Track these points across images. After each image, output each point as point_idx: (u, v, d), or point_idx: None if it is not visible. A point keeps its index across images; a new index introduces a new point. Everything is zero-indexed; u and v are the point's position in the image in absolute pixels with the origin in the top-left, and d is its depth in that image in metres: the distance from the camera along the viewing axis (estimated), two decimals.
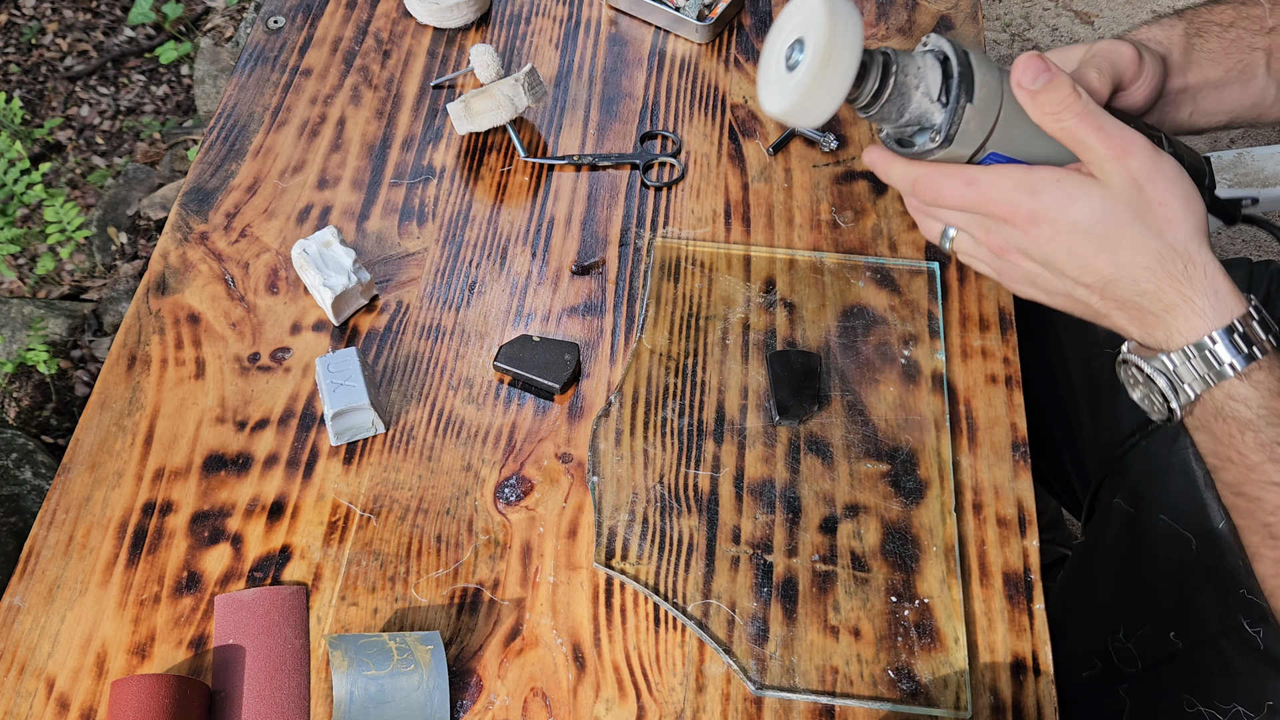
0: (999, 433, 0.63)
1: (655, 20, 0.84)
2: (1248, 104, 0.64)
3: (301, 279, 0.69)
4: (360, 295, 0.68)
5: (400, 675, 0.50)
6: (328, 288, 0.65)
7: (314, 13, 0.85)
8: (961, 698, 0.54)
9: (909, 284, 0.69)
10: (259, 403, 0.65)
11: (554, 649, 0.56)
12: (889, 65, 0.54)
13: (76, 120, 1.99)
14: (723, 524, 0.60)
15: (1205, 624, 0.66)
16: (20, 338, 1.58)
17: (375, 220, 0.73)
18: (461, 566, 0.59)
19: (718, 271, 0.70)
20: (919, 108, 0.55)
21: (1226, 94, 0.64)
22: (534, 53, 0.83)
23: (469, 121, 0.74)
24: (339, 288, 0.65)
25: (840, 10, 0.49)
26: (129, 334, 0.68)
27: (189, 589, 0.58)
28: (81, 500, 0.61)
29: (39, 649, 0.56)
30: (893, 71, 0.53)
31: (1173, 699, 0.65)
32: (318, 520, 0.60)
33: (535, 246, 0.72)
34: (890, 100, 0.54)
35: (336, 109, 0.79)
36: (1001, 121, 0.56)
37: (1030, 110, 0.53)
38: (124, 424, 0.64)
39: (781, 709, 0.54)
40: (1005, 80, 0.55)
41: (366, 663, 0.49)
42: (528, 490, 0.61)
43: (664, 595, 0.57)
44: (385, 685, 0.49)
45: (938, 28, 0.83)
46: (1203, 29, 0.63)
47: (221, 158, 0.76)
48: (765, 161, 0.76)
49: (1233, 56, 0.63)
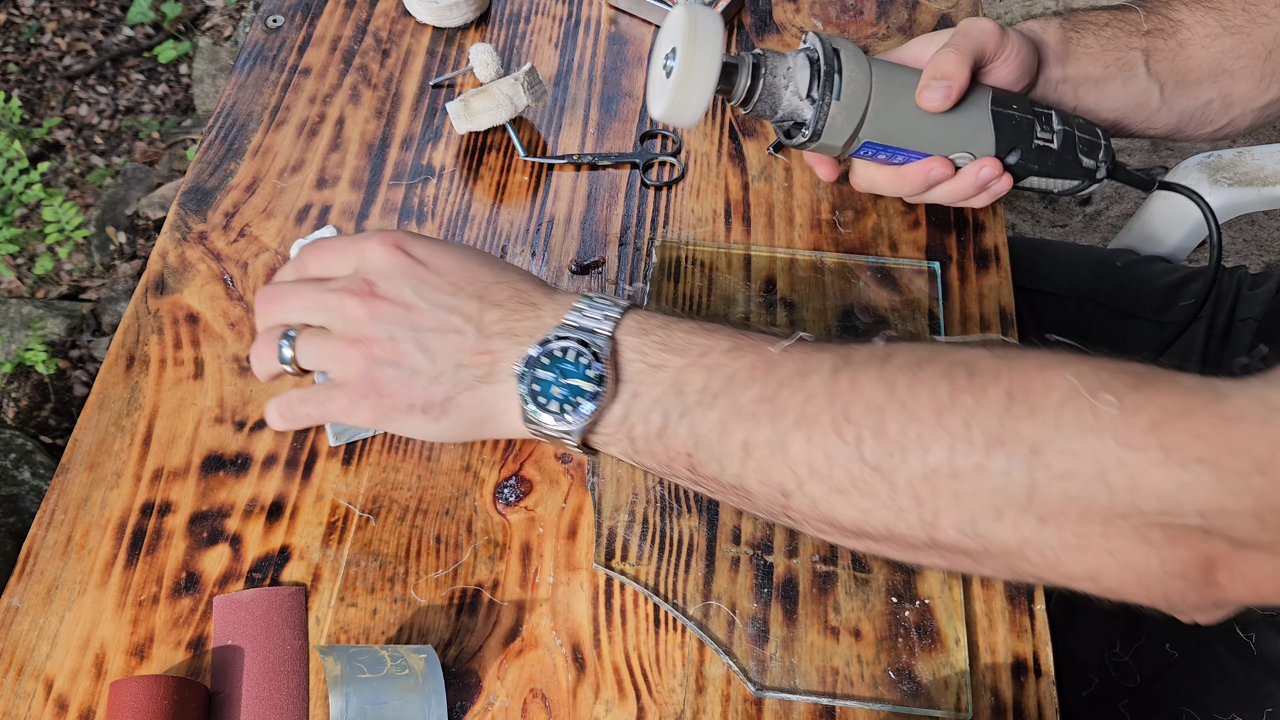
0: None
1: (655, 19, 0.84)
2: (1132, 104, 0.65)
3: None
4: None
5: (395, 678, 0.50)
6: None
7: (313, 11, 0.85)
8: (962, 699, 0.54)
9: (910, 283, 0.69)
10: (258, 403, 0.64)
11: (553, 650, 0.56)
12: (759, 67, 0.58)
13: (75, 120, 1.99)
14: (723, 524, 0.59)
15: (1200, 631, 0.67)
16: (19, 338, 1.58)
17: (374, 220, 0.73)
18: (461, 567, 0.59)
19: (718, 271, 0.70)
20: (790, 105, 0.59)
21: (1108, 91, 0.64)
22: (533, 52, 0.83)
23: (468, 121, 0.74)
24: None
25: (700, 20, 0.54)
26: (127, 334, 0.67)
27: (188, 590, 0.58)
28: (80, 501, 0.61)
29: (37, 649, 0.56)
30: (762, 74, 0.58)
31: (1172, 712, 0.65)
32: (317, 521, 0.60)
33: (535, 246, 0.72)
34: (762, 99, 0.59)
35: (336, 108, 0.79)
36: (871, 114, 0.60)
37: None
38: (122, 424, 0.64)
39: (782, 710, 0.54)
40: (881, 74, 0.59)
41: (360, 667, 0.49)
42: (527, 491, 0.61)
43: (664, 596, 0.57)
44: (380, 687, 0.49)
45: (936, 29, 0.83)
46: (1079, 26, 0.64)
47: (220, 157, 0.76)
48: (766, 161, 0.76)
49: (1110, 53, 0.64)
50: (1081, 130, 0.63)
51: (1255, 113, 0.66)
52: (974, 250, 0.71)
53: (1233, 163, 0.89)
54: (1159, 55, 0.63)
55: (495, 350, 0.47)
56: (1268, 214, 1.72)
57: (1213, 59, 0.64)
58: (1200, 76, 0.64)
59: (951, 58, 0.58)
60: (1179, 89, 0.64)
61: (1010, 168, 0.62)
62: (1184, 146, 1.79)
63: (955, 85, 0.58)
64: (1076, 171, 0.62)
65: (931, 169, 0.61)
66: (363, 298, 0.48)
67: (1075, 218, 1.73)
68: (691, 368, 0.45)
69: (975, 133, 0.61)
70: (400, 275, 0.48)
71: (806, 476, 0.43)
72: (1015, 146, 0.61)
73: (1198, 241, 0.90)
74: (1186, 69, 0.64)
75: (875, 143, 0.61)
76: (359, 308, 0.48)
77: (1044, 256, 0.89)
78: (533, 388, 0.46)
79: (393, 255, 0.48)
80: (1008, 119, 0.61)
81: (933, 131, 0.60)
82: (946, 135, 0.61)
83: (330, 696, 0.48)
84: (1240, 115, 0.66)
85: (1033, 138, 0.61)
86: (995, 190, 0.62)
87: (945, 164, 0.61)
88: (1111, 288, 0.84)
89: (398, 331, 0.48)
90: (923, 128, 0.60)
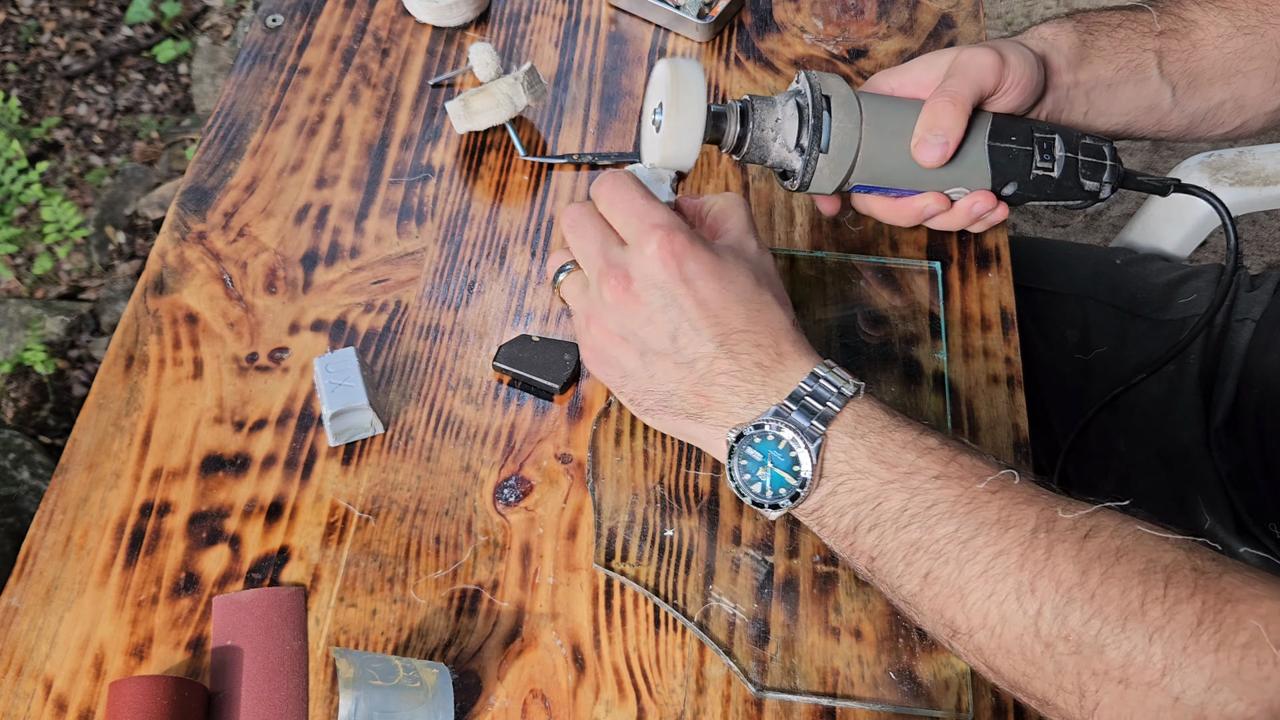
0: (1000, 433, 0.63)
1: (655, 19, 0.84)
2: (1144, 106, 0.64)
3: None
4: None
5: (406, 690, 0.50)
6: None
7: (312, 11, 0.85)
8: (963, 699, 0.54)
9: (910, 283, 0.69)
10: (257, 403, 0.64)
11: (553, 650, 0.56)
12: (747, 115, 0.58)
13: (74, 119, 1.99)
14: (723, 525, 0.59)
15: None
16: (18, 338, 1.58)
17: (374, 219, 0.73)
18: (460, 568, 0.58)
19: None
20: (779, 156, 0.59)
21: (1120, 93, 0.64)
22: (533, 51, 0.83)
23: (468, 120, 0.74)
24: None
25: (684, 74, 0.55)
26: (126, 334, 0.67)
27: (187, 590, 0.58)
28: (79, 501, 0.61)
29: (37, 650, 0.56)
30: (750, 124, 0.58)
31: None
32: (316, 521, 0.60)
33: (535, 246, 0.72)
34: (750, 150, 0.59)
35: (335, 108, 0.79)
36: (860, 163, 0.60)
37: None
38: (122, 424, 0.63)
39: (782, 710, 0.54)
40: (873, 119, 0.58)
41: (373, 673, 0.49)
42: (527, 491, 0.61)
43: (664, 597, 0.57)
44: (390, 696, 0.49)
45: (937, 28, 0.83)
46: (1092, 28, 0.64)
47: (219, 157, 0.76)
48: None
49: (1123, 55, 0.63)
50: (1086, 153, 0.61)
51: (1267, 116, 0.66)
52: (975, 250, 0.71)
53: (1234, 162, 0.89)
54: (1172, 56, 0.63)
55: (712, 399, 0.49)
56: (1269, 214, 1.72)
57: (1225, 60, 0.63)
58: (1213, 78, 0.63)
59: (949, 111, 0.57)
60: (1191, 90, 0.64)
61: (1006, 198, 0.62)
62: (1185, 146, 1.79)
63: (952, 140, 0.57)
64: (1078, 194, 0.62)
65: (926, 205, 0.61)
66: (616, 290, 0.50)
67: (1076, 218, 1.74)
68: (894, 485, 0.46)
69: (970, 171, 0.60)
70: (658, 287, 0.49)
71: (978, 626, 0.43)
72: (1012, 179, 0.60)
73: (1199, 241, 0.90)
74: (1199, 70, 0.63)
75: (864, 185, 0.61)
76: (609, 294, 0.50)
77: (1042, 255, 0.89)
78: (741, 461, 0.49)
79: (664, 264, 0.49)
80: (1005, 153, 0.60)
81: (926, 173, 0.60)
82: (939, 175, 0.60)
83: (340, 697, 0.48)
84: (1253, 118, 0.66)
85: (1031, 169, 0.60)
86: (990, 220, 0.62)
87: (940, 199, 0.61)
88: (1110, 286, 0.84)
89: (630, 335, 0.50)
90: (915, 171, 0.60)
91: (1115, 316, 0.83)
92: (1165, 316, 0.81)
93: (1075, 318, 0.84)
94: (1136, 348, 0.80)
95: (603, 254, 0.51)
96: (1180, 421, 0.76)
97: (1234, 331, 0.77)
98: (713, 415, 0.50)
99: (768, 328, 0.49)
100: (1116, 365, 0.80)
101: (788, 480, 0.47)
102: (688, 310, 0.49)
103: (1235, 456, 0.73)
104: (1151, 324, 0.81)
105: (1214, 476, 0.71)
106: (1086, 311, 0.84)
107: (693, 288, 0.49)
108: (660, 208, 0.51)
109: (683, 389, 0.50)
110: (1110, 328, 0.82)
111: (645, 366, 0.50)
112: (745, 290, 0.50)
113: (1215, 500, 0.70)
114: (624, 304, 0.50)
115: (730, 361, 0.49)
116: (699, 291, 0.49)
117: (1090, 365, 0.82)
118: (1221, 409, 0.74)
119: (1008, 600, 0.42)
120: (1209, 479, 0.72)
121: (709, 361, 0.49)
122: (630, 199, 0.51)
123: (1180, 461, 0.74)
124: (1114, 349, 0.81)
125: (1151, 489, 0.75)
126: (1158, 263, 0.88)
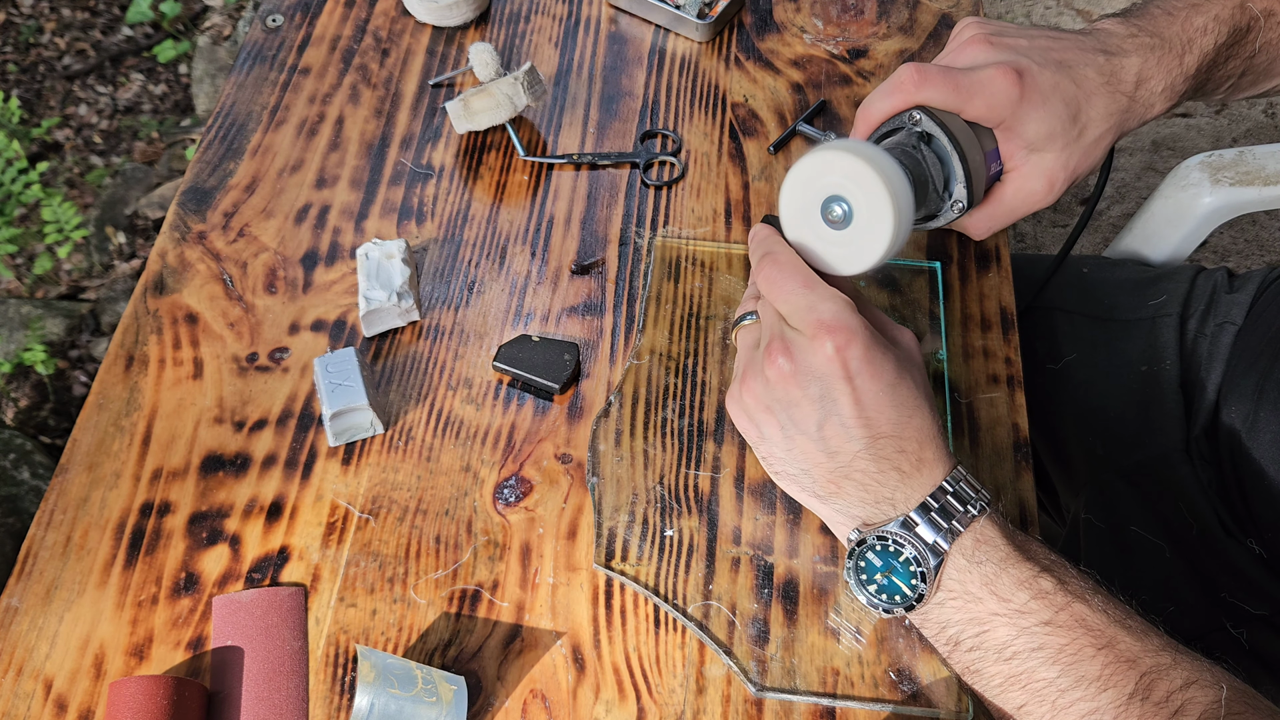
0: (1000, 433, 0.63)
1: (655, 19, 0.84)
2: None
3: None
4: (397, 317, 0.66)
5: (422, 703, 0.50)
6: (365, 298, 0.64)
7: (312, 11, 0.85)
8: (963, 699, 0.54)
9: (910, 283, 0.69)
10: (257, 403, 0.64)
11: (553, 650, 0.56)
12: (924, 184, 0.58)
13: (74, 119, 1.99)
14: (723, 525, 0.59)
15: (1191, 628, 0.66)
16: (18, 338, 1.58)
17: (374, 219, 0.73)
18: (460, 568, 0.58)
19: (718, 271, 0.70)
20: (932, 204, 0.61)
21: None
22: (533, 51, 0.83)
23: (468, 120, 0.74)
24: (374, 303, 0.64)
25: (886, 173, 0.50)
26: (126, 334, 0.67)
27: (187, 590, 0.58)
28: (79, 501, 0.61)
29: (37, 650, 0.56)
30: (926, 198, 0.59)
31: None
32: (316, 521, 0.60)
33: (535, 246, 0.72)
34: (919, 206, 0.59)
35: (335, 108, 0.79)
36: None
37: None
38: (122, 424, 0.63)
39: (782, 710, 0.54)
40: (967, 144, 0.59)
41: (392, 680, 0.49)
42: (527, 491, 0.61)
43: (664, 596, 0.57)
44: (405, 707, 0.49)
45: (937, 28, 0.83)
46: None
47: (219, 157, 0.76)
48: (766, 160, 0.76)
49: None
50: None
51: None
52: (975, 250, 0.71)
53: (1234, 162, 0.89)
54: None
55: (843, 491, 0.50)
56: (1269, 214, 1.72)
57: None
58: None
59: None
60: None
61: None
62: (1184, 146, 1.78)
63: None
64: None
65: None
66: (778, 367, 0.50)
67: (1076, 217, 1.73)
68: (1002, 618, 0.47)
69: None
70: (819, 379, 0.49)
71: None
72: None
73: (1199, 241, 0.90)
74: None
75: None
76: (771, 369, 0.51)
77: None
78: (859, 563, 0.50)
79: (829, 359, 0.49)
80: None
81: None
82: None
83: (357, 694, 0.48)
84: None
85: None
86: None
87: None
88: (1078, 294, 0.83)
89: (779, 410, 0.51)
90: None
91: (1085, 324, 0.82)
92: (1136, 316, 0.80)
93: (1043, 330, 0.83)
94: (1108, 351, 0.79)
95: (779, 324, 0.52)
96: (1159, 429, 0.74)
97: (1212, 336, 0.75)
98: (839, 503, 0.51)
99: (915, 434, 0.50)
100: (1088, 370, 0.80)
101: (904, 590, 0.49)
102: (842, 406, 0.49)
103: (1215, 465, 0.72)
104: (1122, 325, 0.80)
105: (1195, 485, 0.70)
106: (1054, 322, 0.83)
107: (854, 385, 0.49)
108: (826, 299, 0.50)
109: (818, 472, 0.51)
110: (1081, 335, 0.81)
111: (786, 439, 0.52)
112: (903, 396, 0.50)
113: (1198, 509, 0.69)
114: (782, 382, 0.50)
115: (871, 463, 0.49)
116: (858, 390, 0.49)
117: (1059, 374, 0.81)
118: (1201, 417, 0.73)
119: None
120: (1190, 487, 0.70)
121: (850, 457, 0.50)
122: (790, 291, 0.51)
123: (1160, 469, 0.73)
124: (1084, 355, 0.80)
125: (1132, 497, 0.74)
126: (1128, 267, 0.87)
